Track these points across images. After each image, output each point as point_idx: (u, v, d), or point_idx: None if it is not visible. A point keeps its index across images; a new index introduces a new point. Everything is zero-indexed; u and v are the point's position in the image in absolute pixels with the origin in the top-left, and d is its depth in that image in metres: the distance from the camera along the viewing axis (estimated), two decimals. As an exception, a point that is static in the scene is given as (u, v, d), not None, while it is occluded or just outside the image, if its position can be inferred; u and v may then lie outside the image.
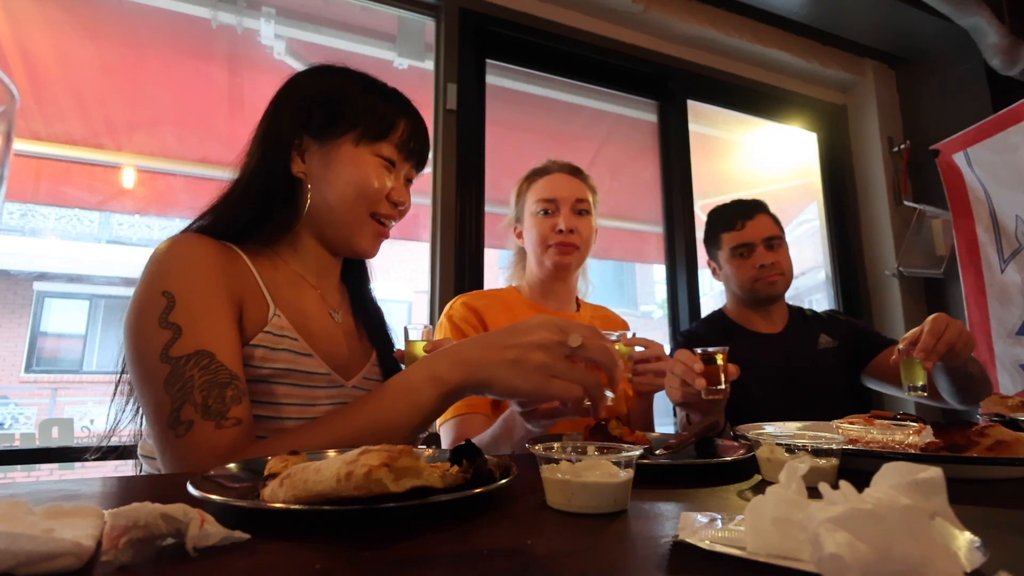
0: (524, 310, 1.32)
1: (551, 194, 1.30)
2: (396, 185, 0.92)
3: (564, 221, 1.27)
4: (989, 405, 1.17)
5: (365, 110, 0.89)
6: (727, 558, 0.36)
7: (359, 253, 0.94)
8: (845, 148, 2.88)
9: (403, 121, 0.92)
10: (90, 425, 7.06)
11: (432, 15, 2.08)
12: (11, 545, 0.32)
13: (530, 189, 1.36)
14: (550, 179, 1.34)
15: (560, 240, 1.27)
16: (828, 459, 0.60)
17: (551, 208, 1.30)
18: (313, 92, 0.90)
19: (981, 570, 0.33)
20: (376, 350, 0.99)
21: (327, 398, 0.85)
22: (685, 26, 2.40)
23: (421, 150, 0.95)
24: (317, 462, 0.49)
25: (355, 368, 0.93)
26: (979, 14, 2.26)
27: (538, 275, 1.34)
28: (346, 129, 0.88)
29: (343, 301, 1.00)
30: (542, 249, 1.30)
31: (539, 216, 1.31)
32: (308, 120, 0.89)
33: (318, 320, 0.90)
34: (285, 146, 0.88)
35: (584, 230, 1.30)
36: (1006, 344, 2.30)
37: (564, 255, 1.28)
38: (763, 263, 1.57)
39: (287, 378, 0.81)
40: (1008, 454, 0.67)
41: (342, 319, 0.95)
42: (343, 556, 0.39)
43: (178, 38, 1.86)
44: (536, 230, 1.30)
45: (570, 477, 0.50)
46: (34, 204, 7.37)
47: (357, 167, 0.87)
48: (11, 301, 8.04)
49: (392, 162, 0.91)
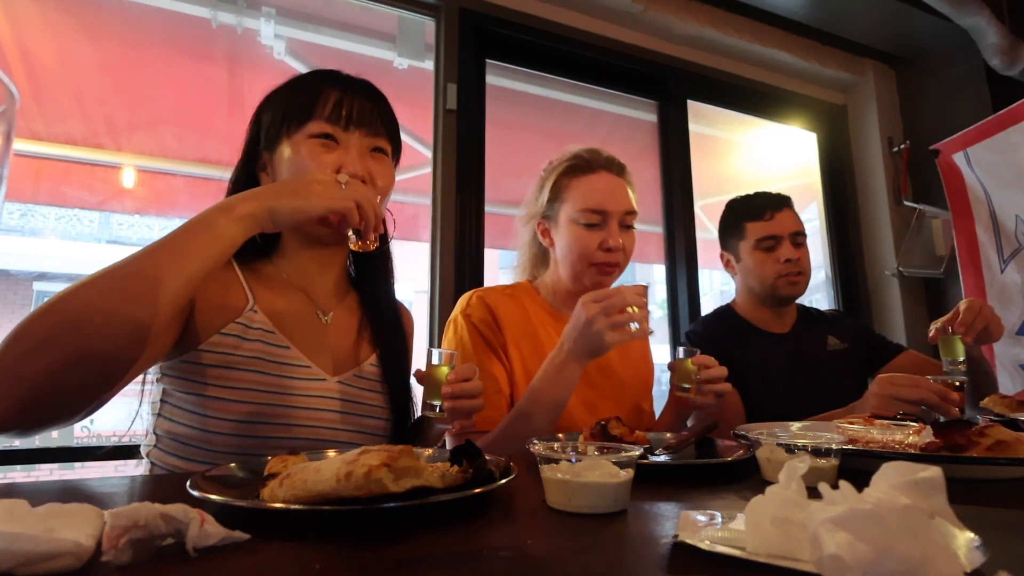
0: (541, 315, 1.22)
1: (600, 204, 1.14)
2: (347, 158, 0.86)
3: (612, 239, 1.14)
4: (989, 405, 1.17)
5: (286, 98, 0.91)
6: (727, 558, 0.36)
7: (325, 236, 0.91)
8: (845, 148, 2.88)
9: (328, 91, 0.88)
10: (90, 425, 7.07)
11: (432, 15, 2.08)
12: (11, 545, 0.33)
13: (571, 188, 1.18)
14: (598, 181, 1.17)
15: (605, 260, 1.15)
16: (828, 459, 0.60)
17: (598, 220, 1.15)
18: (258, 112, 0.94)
19: (981, 570, 0.33)
20: (378, 351, 0.98)
21: (304, 389, 0.85)
22: (685, 26, 2.40)
23: (362, 113, 0.89)
24: (317, 462, 0.49)
25: (344, 365, 0.93)
26: (979, 14, 2.26)
27: (567, 286, 1.21)
28: (279, 127, 0.89)
29: (341, 302, 0.99)
30: (582, 265, 1.16)
31: (583, 228, 1.15)
32: (260, 139, 0.92)
33: (302, 320, 0.91)
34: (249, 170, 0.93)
35: (629, 245, 1.18)
36: (1006, 344, 2.30)
37: (606, 275, 1.16)
38: (788, 257, 1.50)
39: (256, 366, 0.82)
40: (1008, 454, 0.67)
41: (334, 319, 0.95)
42: (343, 556, 0.39)
43: (178, 38, 1.86)
44: (579, 243, 1.15)
45: (570, 477, 0.50)
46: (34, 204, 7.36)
47: (295, 158, 0.86)
48: (11, 301, 8.04)
49: (329, 136, 0.87)
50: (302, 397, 0.85)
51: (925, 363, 1.56)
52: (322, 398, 0.87)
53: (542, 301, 1.26)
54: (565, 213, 1.18)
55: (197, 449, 0.81)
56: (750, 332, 1.57)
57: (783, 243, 1.53)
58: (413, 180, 2.21)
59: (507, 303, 1.20)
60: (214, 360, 0.81)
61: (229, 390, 0.80)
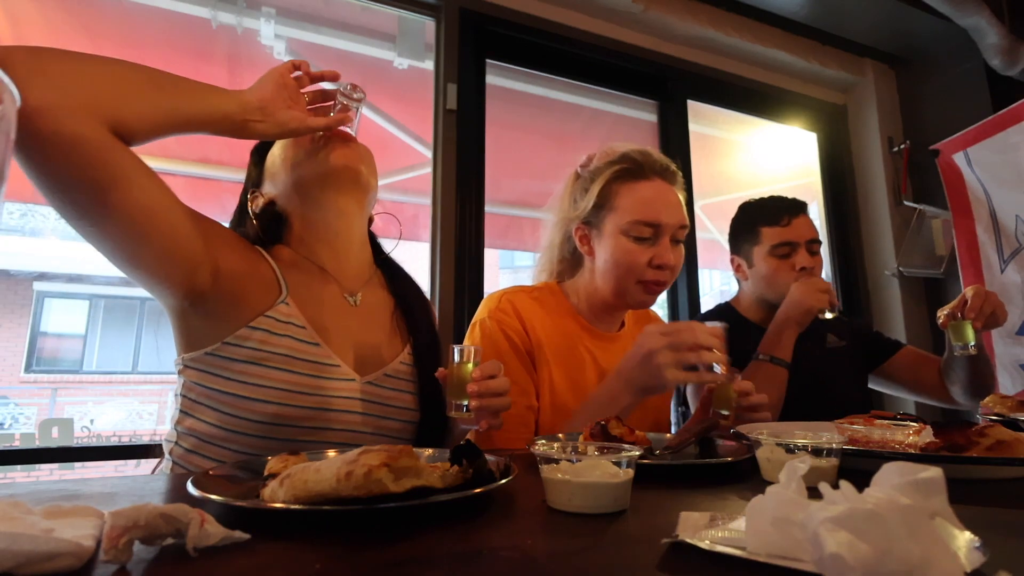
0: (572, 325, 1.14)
1: (656, 217, 1.05)
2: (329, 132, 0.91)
3: (664, 256, 1.05)
4: (989, 405, 1.17)
5: None
6: (727, 558, 0.36)
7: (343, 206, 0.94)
8: (845, 148, 2.88)
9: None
10: (90, 425, 7.07)
11: (432, 15, 2.08)
12: (11, 545, 0.32)
13: (621, 195, 1.08)
14: (652, 189, 1.07)
15: (655, 278, 1.06)
16: (828, 459, 0.60)
17: (650, 234, 1.05)
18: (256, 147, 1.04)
19: (981, 570, 0.33)
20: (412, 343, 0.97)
21: (333, 390, 0.84)
22: (685, 26, 2.40)
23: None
24: (317, 462, 0.49)
25: (374, 363, 0.92)
26: (979, 14, 2.26)
27: (606, 299, 1.13)
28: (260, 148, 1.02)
29: (368, 283, 0.99)
30: (628, 281, 1.07)
31: (632, 241, 1.06)
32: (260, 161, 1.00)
33: (331, 307, 0.90)
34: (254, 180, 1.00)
35: (679, 262, 1.09)
36: (1006, 344, 2.30)
37: (652, 294, 1.08)
38: (804, 266, 1.46)
39: (285, 364, 0.81)
40: (1008, 454, 0.67)
41: (362, 301, 0.95)
42: (343, 556, 0.39)
43: (178, 38, 1.86)
44: (627, 258, 1.06)
45: (570, 477, 0.50)
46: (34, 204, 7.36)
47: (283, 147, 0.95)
48: (11, 301, 8.04)
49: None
50: (331, 398, 0.84)
51: (924, 359, 1.57)
52: (349, 399, 0.86)
53: (571, 308, 1.17)
54: (613, 222, 1.08)
55: (218, 448, 0.80)
56: (751, 331, 1.56)
57: (799, 250, 1.48)
58: (413, 180, 2.21)
59: (536, 309, 1.11)
60: (241, 355, 0.79)
61: (255, 387, 0.79)
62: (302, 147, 0.91)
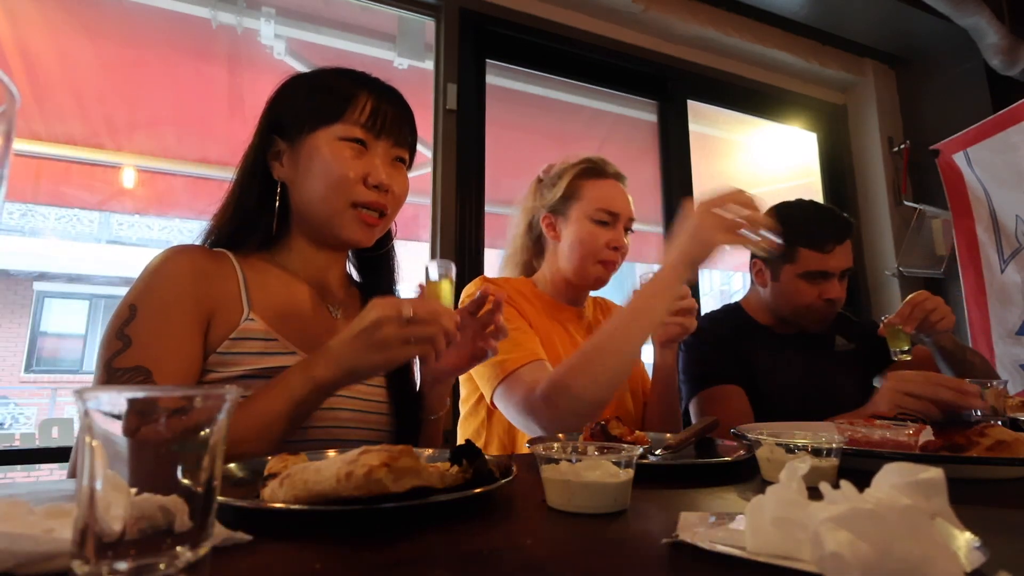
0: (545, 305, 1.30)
1: (615, 207, 1.26)
2: (371, 166, 0.85)
3: (620, 239, 1.26)
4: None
5: (317, 94, 0.88)
6: (727, 558, 0.36)
7: (351, 244, 0.90)
8: (845, 148, 2.88)
9: (362, 95, 0.87)
10: (90, 425, 7.05)
11: (432, 15, 2.08)
12: (11, 545, 0.32)
13: (586, 187, 1.28)
14: (610, 186, 1.29)
15: (611, 258, 1.25)
16: (828, 459, 0.60)
17: (611, 221, 1.25)
18: (278, 97, 0.91)
19: (981, 570, 0.33)
20: None
21: None
22: (685, 26, 2.40)
23: (394, 124, 0.88)
24: (317, 462, 0.49)
25: None
26: (979, 14, 2.26)
27: (569, 278, 1.29)
28: (305, 120, 0.86)
29: (350, 300, 0.98)
30: (590, 260, 1.25)
31: (595, 225, 1.25)
32: (278, 125, 0.89)
33: (310, 317, 0.89)
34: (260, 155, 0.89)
35: (627, 247, 1.30)
36: (1006, 344, 2.30)
37: (608, 272, 1.28)
38: (831, 297, 1.40)
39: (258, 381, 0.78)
40: (1008, 454, 0.67)
41: (343, 316, 0.93)
42: (343, 556, 0.39)
43: (178, 38, 1.86)
44: (590, 238, 1.24)
45: (570, 477, 0.50)
46: (34, 204, 7.37)
47: (321, 157, 0.84)
48: (11, 301, 8.05)
49: (360, 141, 0.85)
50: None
51: (930, 359, 1.53)
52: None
53: (541, 293, 1.33)
54: (579, 209, 1.27)
55: None
56: (759, 333, 1.52)
57: (831, 281, 1.42)
58: (413, 180, 2.19)
59: (513, 293, 1.25)
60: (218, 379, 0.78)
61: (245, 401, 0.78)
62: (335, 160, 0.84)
